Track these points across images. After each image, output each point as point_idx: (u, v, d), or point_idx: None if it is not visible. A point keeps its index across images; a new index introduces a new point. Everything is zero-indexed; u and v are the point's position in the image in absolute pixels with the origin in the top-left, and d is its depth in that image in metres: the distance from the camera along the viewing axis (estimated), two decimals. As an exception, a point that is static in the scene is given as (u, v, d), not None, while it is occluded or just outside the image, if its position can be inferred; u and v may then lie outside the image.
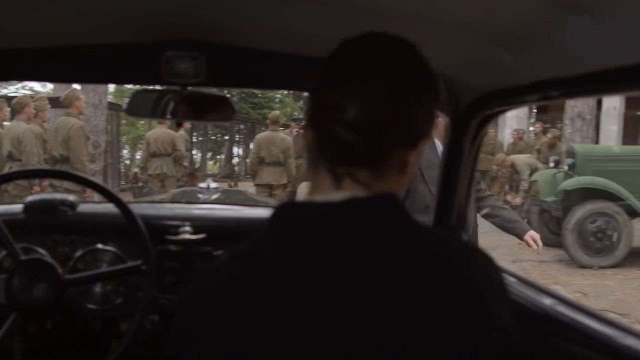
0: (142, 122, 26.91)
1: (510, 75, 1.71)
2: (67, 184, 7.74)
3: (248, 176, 17.41)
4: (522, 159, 15.09)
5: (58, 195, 3.03)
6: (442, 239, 1.20)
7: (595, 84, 1.47)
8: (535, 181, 12.53)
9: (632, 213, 10.80)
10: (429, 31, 1.59)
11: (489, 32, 1.57)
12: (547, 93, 1.61)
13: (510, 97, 1.80)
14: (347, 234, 1.10)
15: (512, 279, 1.92)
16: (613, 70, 1.36)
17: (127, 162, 25.54)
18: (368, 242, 1.10)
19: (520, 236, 5.25)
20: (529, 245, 5.11)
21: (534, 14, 1.37)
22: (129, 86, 18.80)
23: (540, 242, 5.09)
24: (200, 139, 32.85)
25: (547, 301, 1.77)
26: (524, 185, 14.27)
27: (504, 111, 2.00)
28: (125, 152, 26.42)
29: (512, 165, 15.17)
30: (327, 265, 1.09)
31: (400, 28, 1.21)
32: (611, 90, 1.59)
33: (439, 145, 3.97)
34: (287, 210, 1.17)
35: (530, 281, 2.00)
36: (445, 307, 1.08)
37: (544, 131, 16.47)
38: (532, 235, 5.12)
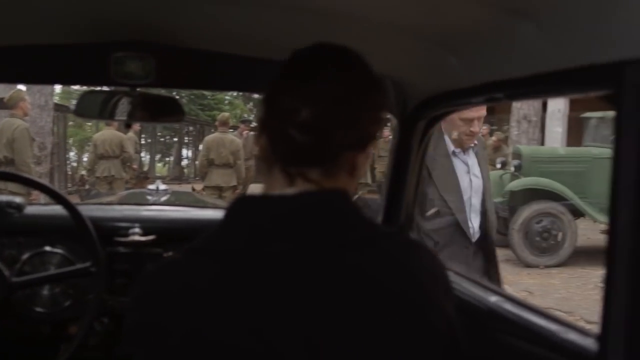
0: (89, 123, 26.58)
1: (456, 77, 1.75)
2: (11, 186, 7.60)
3: (197, 178, 17.31)
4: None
5: (4, 197, 2.99)
6: (392, 234, 1.26)
7: (538, 86, 1.51)
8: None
9: (576, 213, 11.02)
10: (377, 35, 1.62)
11: (435, 35, 1.61)
12: (491, 95, 1.65)
13: (456, 99, 1.84)
14: (301, 225, 1.15)
15: (457, 277, 1.97)
16: (555, 73, 1.40)
17: (74, 164, 25.19)
18: (321, 233, 1.15)
19: None
20: None
21: (479, 18, 1.41)
22: (77, 87, 18.54)
23: None
24: (149, 141, 32.53)
25: (492, 298, 1.82)
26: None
27: (450, 113, 2.04)
28: (72, 154, 26.05)
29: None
30: (282, 255, 1.12)
31: (350, 32, 1.24)
32: (554, 92, 1.63)
33: (449, 144, 3.75)
34: (243, 204, 1.20)
35: (475, 279, 2.05)
36: (396, 299, 1.13)
37: (491, 133, 16.70)
38: None
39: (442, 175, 3.69)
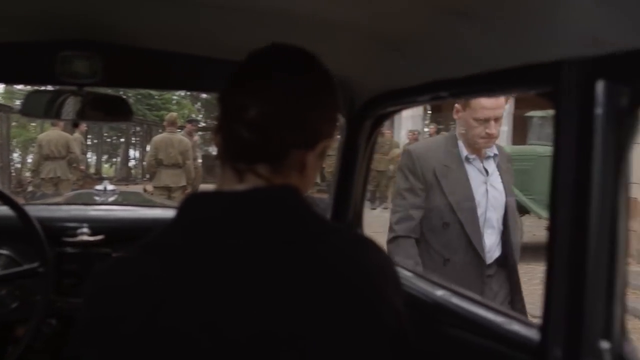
0: (33, 124, 26.10)
1: (403, 76, 1.78)
2: (-46, 188, 7.44)
3: (145, 179, 17.13)
4: None
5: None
6: (341, 230, 1.30)
7: (482, 85, 1.55)
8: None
9: (521, 210, 11.20)
10: (326, 34, 1.64)
11: (382, 35, 1.63)
12: (437, 94, 1.69)
13: (403, 98, 1.87)
14: (251, 220, 1.17)
15: (405, 272, 2.00)
16: (497, 72, 1.44)
17: (18, 165, 24.71)
18: (270, 228, 1.17)
19: None
20: None
21: (424, 18, 1.44)
22: (20, 87, 18.19)
23: None
24: (95, 141, 32.10)
25: (439, 292, 1.86)
26: None
27: (396, 111, 2.07)
28: (15, 155, 25.56)
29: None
30: (232, 249, 1.14)
31: (299, 31, 1.26)
32: (496, 91, 1.68)
33: (462, 149, 3.32)
34: (194, 200, 1.22)
35: (423, 274, 2.09)
36: (346, 292, 1.16)
37: (439, 132, 16.89)
38: None
39: (452, 184, 3.27)
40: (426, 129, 19.79)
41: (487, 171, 3.33)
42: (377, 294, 1.20)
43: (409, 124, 20.02)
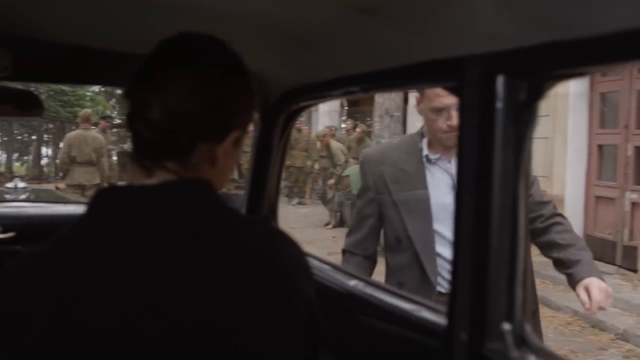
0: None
1: (315, 71, 1.81)
2: None
3: (58, 177, 16.73)
4: (336, 144, 15.54)
5: None
6: (254, 223, 1.31)
7: (390, 79, 1.60)
8: (347, 176, 12.95)
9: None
10: (239, 30, 1.66)
11: (294, 31, 1.66)
12: (348, 88, 1.73)
13: (315, 92, 1.90)
14: (160, 214, 1.17)
15: (318, 263, 2.03)
16: (405, 67, 1.49)
17: None
18: (180, 222, 1.17)
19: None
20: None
21: (334, 14, 1.47)
22: None
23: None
24: (5, 139, 31.16)
25: (351, 282, 1.90)
26: (338, 170, 14.69)
27: (309, 106, 2.11)
28: None
29: (328, 146, 15.64)
30: (142, 242, 1.14)
31: (212, 27, 1.27)
32: (405, 85, 1.73)
33: (424, 147, 2.75)
34: (105, 194, 1.22)
35: (336, 265, 2.13)
36: (258, 284, 1.17)
37: (355, 127, 17.03)
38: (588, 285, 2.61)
39: (405, 190, 2.69)
40: (343, 125, 19.96)
41: (454, 174, 2.60)
42: (291, 285, 1.22)
43: (325, 120, 20.15)
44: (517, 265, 1.23)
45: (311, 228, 13.58)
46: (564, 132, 10.44)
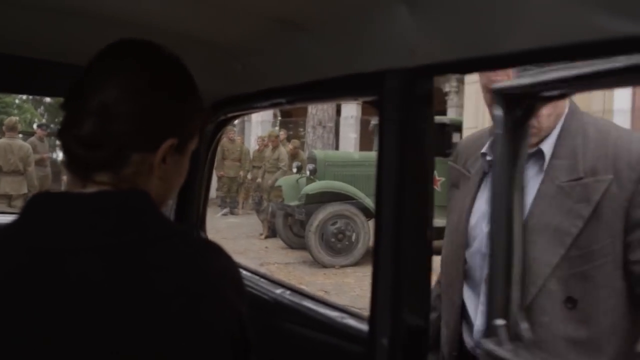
0: None
1: (242, 83, 1.83)
2: None
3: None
4: (283, 150, 15.46)
5: None
6: (186, 233, 1.28)
7: (315, 92, 1.64)
8: (280, 186, 12.98)
9: (369, 214, 11.49)
10: (168, 42, 1.67)
11: (222, 43, 1.68)
12: (275, 100, 1.76)
13: (242, 104, 1.93)
14: (92, 223, 1.16)
15: (247, 273, 2.05)
16: (329, 80, 1.53)
17: None
18: (107, 232, 1.16)
19: None
20: None
21: (262, 28, 1.50)
22: None
23: None
24: None
25: (278, 290, 1.92)
26: (282, 173, 14.65)
27: (237, 117, 2.13)
28: None
29: (276, 148, 15.61)
30: (73, 250, 1.14)
31: (142, 37, 1.28)
32: (329, 98, 1.77)
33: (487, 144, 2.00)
34: (40, 199, 1.20)
35: (263, 274, 2.15)
36: (186, 294, 1.16)
37: (288, 138, 17.06)
38: None
39: (456, 200, 2.04)
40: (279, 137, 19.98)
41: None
42: (219, 297, 1.20)
43: (259, 129, 20.15)
44: (429, 272, 1.29)
45: (244, 238, 13.54)
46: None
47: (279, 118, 22.45)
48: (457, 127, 11.87)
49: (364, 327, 1.49)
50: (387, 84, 1.30)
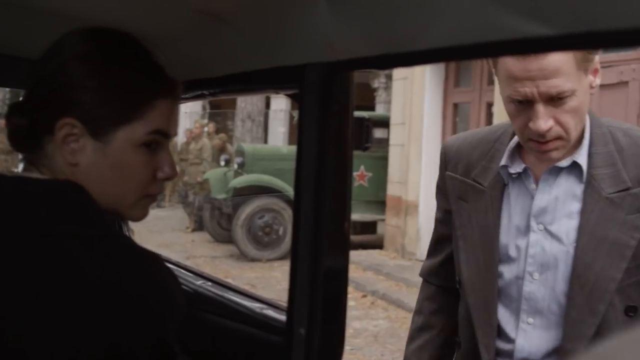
0: None
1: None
2: None
3: None
4: (207, 141, 15.32)
5: None
6: (121, 236, 1.28)
7: (237, 84, 1.65)
8: (207, 179, 12.91)
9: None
10: None
11: (145, 34, 1.67)
12: (196, 92, 1.76)
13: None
14: (14, 210, 1.16)
15: (171, 266, 2.05)
16: (252, 73, 1.54)
17: None
18: (32, 221, 1.16)
19: None
20: None
21: (184, 19, 1.51)
22: None
23: None
24: None
25: (198, 282, 1.93)
26: (206, 165, 14.54)
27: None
28: None
29: (199, 135, 15.47)
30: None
31: (60, 29, 1.27)
32: (251, 90, 1.78)
33: (509, 152, 1.80)
34: None
35: (181, 263, 2.15)
36: (116, 289, 1.16)
37: (217, 131, 16.96)
38: None
39: (471, 216, 1.83)
40: (205, 129, 19.81)
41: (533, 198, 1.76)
42: (144, 309, 1.18)
43: (186, 122, 19.96)
44: (347, 266, 1.32)
45: (170, 232, 13.44)
46: (418, 139, 10.82)
47: (208, 110, 22.28)
48: (380, 122, 12.03)
49: (282, 317, 1.51)
50: (307, 78, 1.32)
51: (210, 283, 1.90)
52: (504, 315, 1.77)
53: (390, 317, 7.88)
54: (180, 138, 18.73)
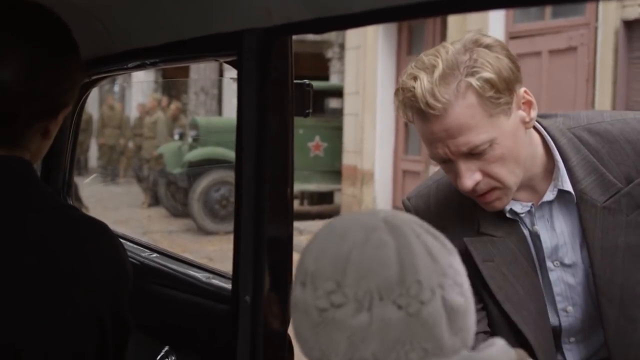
0: None
1: (103, 44, 1.80)
2: None
3: None
4: (161, 115, 15.14)
5: None
6: (70, 208, 1.29)
7: (177, 53, 1.63)
8: (162, 154, 12.80)
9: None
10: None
11: (82, 3, 1.65)
12: (138, 61, 1.74)
13: (106, 65, 1.89)
14: None
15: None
16: (191, 40, 1.53)
17: None
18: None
19: None
20: None
21: None
22: None
23: None
24: None
25: (144, 253, 1.92)
26: (160, 139, 14.39)
27: (103, 78, 2.09)
28: None
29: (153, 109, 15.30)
30: None
31: None
32: (191, 58, 1.76)
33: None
34: None
35: (132, 237, 2.14)
36: (53, 266, 1.17)
37: (169, 104, 16.79)
38: None
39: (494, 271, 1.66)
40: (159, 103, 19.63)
41: (539, 239, 1.66)
42: (94, 279, 1.21)
43: (139, 96, 19.71)
44: (291, 232, 1.33)
45: (126, 207, 13.32)
46: (372, 108, 10.85)
47: (161, 79, 21.97)
48: (334, 92, 12.00)
49: (228, 286, 1.51)
50: (245, 44, 1.31)
51: (156, 255, 1.90)
52: (568, 351, 1.72)
53: (348, 286, 7.92)
54: (133, 113, 18.56)
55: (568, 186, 1.58)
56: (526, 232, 1.65)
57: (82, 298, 1.18)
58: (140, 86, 20.08)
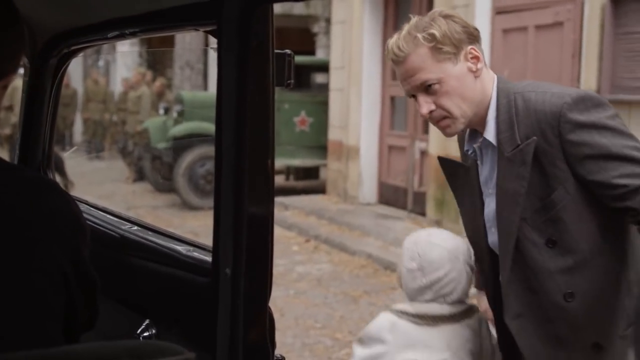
0: None
1: (82, 14, 1.78)
2: None
3: None
4: (146, 89, 15.01)
5: None
6: (18, 170, 1.28)
7: (157, 22, 1.60)
8: (146, 129, 12.73)
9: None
10: None
11: None
12: (116, 31, 1.71)
13: (84, 36, 1.87)
14: None
15: (89, 208, 2.02)
16: (170, 9, 1.51)
17: None
18: None
19: None
20: None
21: None
22: None
23: None
24: None
25: (124, 226, 1.91)
26: (145, 114, 14.28)
27: (82, 49, 2.06)
28: None
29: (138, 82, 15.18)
30: None
31: None
32: (171, 28, 1.72)
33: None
34: None
35: (112, 210, 2.12)
36: (18, 235, 1.15)
37: (154, 79, 16.68)
38: None
39: (464, 193, 2.26)
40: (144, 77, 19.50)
41: (484, 172, 2.17)
42: (53, 234, 1.21)
43: (123, 71, 19.55)
44: (272, 205, 1.32)
45: (110, 183, 13.27)
46: (358, 83, 10.80)
47: (146, 48, 21.80)
48: (320, 66, 11.94)
49: (209, 258, 1.50)
50: (225, 12, 1.29)
51: (136, 227, 1.88)
52: None
53: (333, 261, 7.93)
54: (117, 87, 18.43)
55: (489, 135, 2.05)
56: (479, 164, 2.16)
57: (45, 254, 1.19)
58: (124, 60, 19.91)
